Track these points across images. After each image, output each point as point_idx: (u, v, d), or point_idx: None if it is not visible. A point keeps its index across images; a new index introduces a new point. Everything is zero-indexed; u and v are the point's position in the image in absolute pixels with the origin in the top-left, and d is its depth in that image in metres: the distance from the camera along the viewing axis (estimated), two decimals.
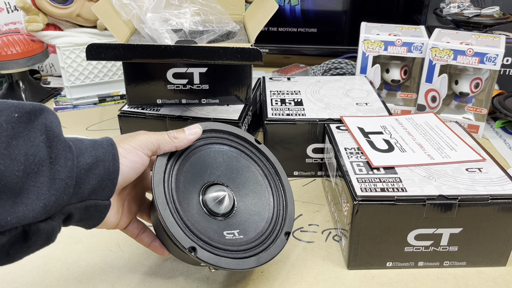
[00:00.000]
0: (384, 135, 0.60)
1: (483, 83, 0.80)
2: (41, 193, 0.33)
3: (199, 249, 0.42)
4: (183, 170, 0.46)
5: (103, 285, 0.49)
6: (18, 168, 0.32)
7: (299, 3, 1.08)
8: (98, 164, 0.38)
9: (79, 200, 0.37)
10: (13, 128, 0.32)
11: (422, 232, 0.49)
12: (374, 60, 0.86)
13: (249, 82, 0.65)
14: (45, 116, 0.35)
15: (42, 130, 0.34)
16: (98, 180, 0.38)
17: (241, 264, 0.44)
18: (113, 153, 0.40)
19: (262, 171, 0.51)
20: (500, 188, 0.49)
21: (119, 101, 0.98)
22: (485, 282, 0.50)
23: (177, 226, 0.42)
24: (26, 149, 0.33)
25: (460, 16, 0.96)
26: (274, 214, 0.49)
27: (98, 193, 0.39)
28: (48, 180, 0.34)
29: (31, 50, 0.91)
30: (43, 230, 0.35)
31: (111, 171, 0.39)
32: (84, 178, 0.37)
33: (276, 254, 0.47)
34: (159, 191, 0.43)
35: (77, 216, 0.39)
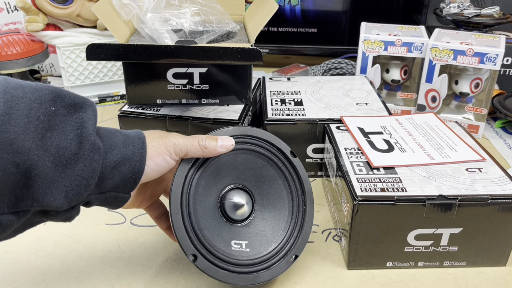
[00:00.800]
0: (384, 135, 0.60)
1: (483, 83, 0.80)
2: (65, 185, 0.35)
3: (200, 257, 0.44)
4: (208, 173, 0.47)
5: (103, 285, 0.49)
6: (48, 159, 0.34)
7: (299, 3, 1.08)
8: (125, 163, 0.40)
9: (100, 191, 0.39)
10: (49, 121, 0.34)
11: (422, 232, 0.49)
12: (374, 60, 0.86)
13: (249, 82, 0.65)
14: (85, 110, 0.37)
15: (78, 125, 0.36)
16: (122, 178, 0.40)
17: (238, 280, 0.45)
18: (141, 154, 0.41)
19: (289, 186, 0.50)
20: (500, 188, 0.49)
21: (119, 101, 0.98)
22: (485, 282, 0.50)
23: (185, 232, 0.44)
24: (59, 142, 0.34)
25: (460, 16, 0.96)
26: (287, 233, 0.48)
27: (120, 188, 0.41)
28: (72, 175, 0.35)
29: (31, 50, 0.91)
30: (62, 215, 0.38)
31: (136, 171, 0.41)
32: (108, 174, 0.39)
33: (277, 275, 0.47)
34: (176, 195, 0.44)
35: (97, 203, 0.41)
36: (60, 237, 0.57)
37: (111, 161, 0.39)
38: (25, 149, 0.32)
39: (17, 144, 0.31)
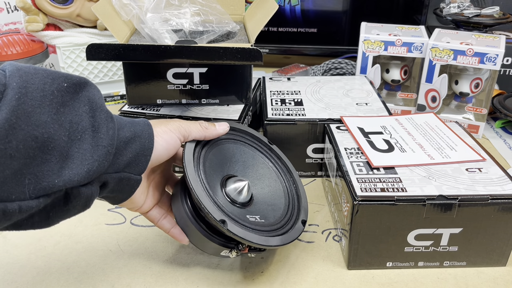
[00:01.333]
0: (384, 135, 0.60)
1: (483, 83, 0.80)
2: (85, 158, 0.35)
3: (229, 222, 0.44)
4: (208, 158, 0.50)
5: (103, 285, 0.49)
6: (64, 133, 0.34)
7: (299, 3, 1.08)
8: (135, 139, 0.41)
9: (115, 170, 0.40)
10: (62, 96, 0.35)
11: (422, 232, 0.49)
12: (374, 60, 0.86)
13: (249, 82, 0.65)
14: (88, 89, 0.38)
15: (86, 101, 0.37)
16: (134, 155, 0.41)
17: (268, 241, 0.45)
18: (149, 131, 0.43)
19: (276, 168, 0.55)
20: (500, 188, 0.49)
21: (119, 101, 0.98)
22: (485, 282, 0.50)
23: (209, 200, 0.44)
24: (71, 117, 0.35)
25: (460, 16, 0.96)
26: (289, 205, 0.52)
27: (132, 167, 0.41)
28: (91, 147, 0.36)
29: (31, 50, 0.91)
30: (83, 194, 0.37)
31: (146, 148, 0.42)
32: (122, 150, 0.40)
33: (297, 237, 0.49)
34: (191, 168, 0.46)
35: (111, 186, 0.41)
36: (60, 237, 0.57)
37: (123, 137, 0.40)
38: (42, 122, 0.32)
39: (34, 117, 0.32)
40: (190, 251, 0.54)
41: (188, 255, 0.54)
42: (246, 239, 0.44)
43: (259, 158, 0.55)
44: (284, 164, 0.56)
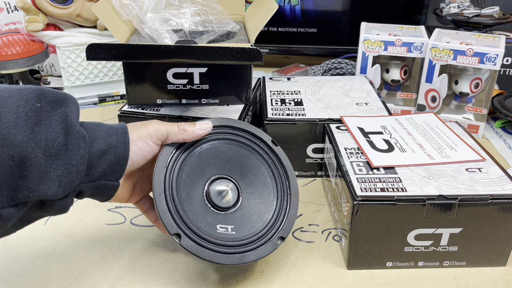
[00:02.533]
0: (384, 135, 0.60)
1: (483, 83, 0.80)
2: (57, 175, 0.38)
3: (184, 236, 0.44)
4: (190, 160, 0.48)
5: (103, 285, 0.49)
6: (39, 151, 0.36)
7: (299, 3, 1.08)
8: (110, 151, 0.43)
9: (89, 180, 0.42)
10: (36, 116, 0.37)
11: (422, 232, 0.49)
12: (374, 60, 0.86)
13: (249, 82, 0.65)
14: (66, 105, 0.40)
15: (62, 118, 0.39)
16: (109, 165, 0.43)
17: (223, 259, 0.44)
18: (125, 141, 0.44)
19: (272, 172, 0.52)
20: (500, 188, 0.49)
21: (119, 101, 0.98)
22: (485, 282, 0.50)
23: (168, 212, 0.44)
24: (47, 135, 0.37)
25: (460, 16, 0.96)
26: (273, 217, 0.49)
27: (108, 175, 0.43)
28: (63, 164, 0.38)
29: (31, 50, 0.91)
30: (57, 205, 0.40)
31: (121, 157, 0.44)
32: (96, 162, 0.42)
33: (263, 256, 0.47)
34: (159, 178, 0.46)
35: (88, 193, 0.43)
36: (60, 237, 0.57)
37: (97, 150, 0.42)
38: (18, 142, 0.35)
39: (10, 138, 0.34)
40: None
41: (188, 255, 0.54)
42: (198, 256, 0.44)
43: (256, 161, 0.52)
44: (284, 168, 0.53)
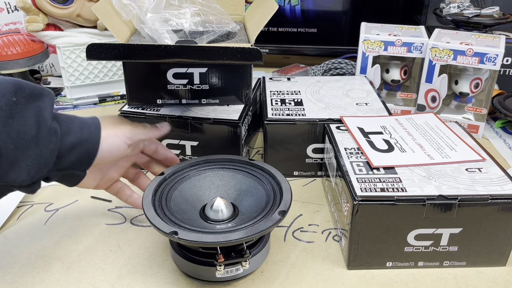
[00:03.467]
0: (384, 135, 0.60)
1: (483, 83, 0.80)
2: (27, 164, 0.40)
3: (181, 231, 0.44)
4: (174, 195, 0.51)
5: (103, 285, 0.49)
6: (11, 142, 0.39)
7: (299, 3, 1.08)
8: (81, 145, 0.45)
9: (58, 169, 0.45)
10: (10, 110, 0.39)
11: (422, 232, 0.49)
12: (374, 60, 0.86)
13: (249, 82, 0.65)
14: (41, 99, 0.42)
15: (37, 112, 0.41)
16: (78, 157, 0.45)
17: (227, 237, 0.44)
18: (96, 137, 0.47)
19: (258, 178, 0.54)
20: (500, 188, 0.49)
21: (119, 101, 0.98)
22: (485, 282, 0.50)
23: (158, 217, 0.46)
24: (19, 127, 0.39)
25: (460, 16, 0.96)
26: (269, 203, 0.49)
27: (76, 166, 0.46)
28: (33, 155, 0.41)
29: (31, 50, 0.91)
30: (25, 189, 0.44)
31: (90, 152, 0.46)
32: (66, 154, 0.44)
33: (267, 228, 0.44)
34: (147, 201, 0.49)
35: (55, 179, 0.47)
36: (60, 237, 0.57)
37: (68, 143, 0.44)
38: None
39: None
40: None
41: None
42: (201, 241, 0.43)
43: (239, 176, 0.55)
44: (268, 172, 0.54)
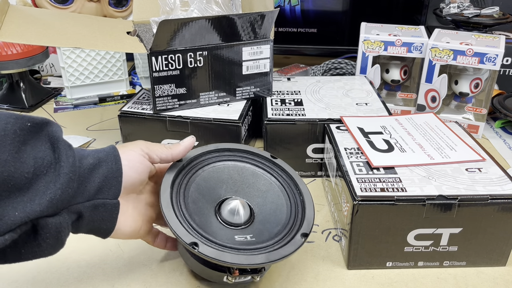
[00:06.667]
0: (384, 135, 0.60)
1: (483, 83, 0.80)
2: (47, 188, 0.36)
3: (202, 244, 0.41)
4: (195, 184, 0.48)
5: (103, 285, 0.49)
6: (28, 170, 0.35)
7: (299, 3, 1.08)
8: (100, 165, 0.41)
9: (86, 199, 0.40)
10: (24, 135, 0.36)
11: (422, 232, 0.49)
12: (374, 60, 0.86)
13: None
14: (49, 127, 0.38)
15: (48, 139, 0.38)
16: (103, 179, 0.41)
17: (249, 260, 0.42)
18: (115, 154, 0.43)
19: (279, 181, 0.51)
20: (500, 188, 0.49)
21: (119, 101, 0.98)
22: (485, 282, 0.50)
23: (179, 224, 0.43)
24: (35, 153, 0.36)
25: (460, 16, 0.96)
26: (290, 219, 0.48)
27: (105, 192, 0.41)
28: (54, 178, 0.36)
29: (31, 50, 0.91)
30: (51, 225, 0.37)
31: (114, 170, 0.42)
32: (88, 177, 0.40)
33: (290, 253, 0.43)
34: (165, 195, 0.45)
35: (87, 215, 0.40)
36: None
37: (87, 164, 0.40)
38: (2, 160, 0.33)
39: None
40: None
41: None
42: (221, 260, 0.41)
43: (260, 174, 0.52)
44: (290, 176, 0.52)
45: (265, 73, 0.72)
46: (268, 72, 0.73)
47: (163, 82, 0.66)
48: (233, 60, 0.69)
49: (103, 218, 0.42)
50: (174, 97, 0.68)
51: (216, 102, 0.72)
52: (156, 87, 0.66)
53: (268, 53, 0.71)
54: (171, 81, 0.67)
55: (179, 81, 0.67)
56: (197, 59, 0.66)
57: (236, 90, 0.72)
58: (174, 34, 0.62)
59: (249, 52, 0.69)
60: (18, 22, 0.58)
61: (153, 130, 0.70)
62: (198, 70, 0.67)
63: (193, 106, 0.70)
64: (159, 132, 0.70)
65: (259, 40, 0.69)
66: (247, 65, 0.70)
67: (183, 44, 0.64)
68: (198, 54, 0.66)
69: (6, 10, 0.59)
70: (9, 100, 0.94)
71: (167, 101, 0.68)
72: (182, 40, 0.64)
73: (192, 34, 0.63)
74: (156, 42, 0.62)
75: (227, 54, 0.68)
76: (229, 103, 0.73)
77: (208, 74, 0.69)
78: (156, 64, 0.64)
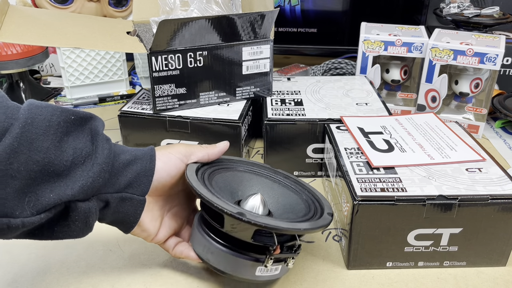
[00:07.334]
0: (384, 135, 0.60)
1: (483, 83, 0.80)
2: (81, 175, 0.39)
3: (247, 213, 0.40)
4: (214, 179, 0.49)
5: (103, 285, 0.49)
6: (67, 159, 0.38)
7: (299, 3, 1.08)
8: (136, 162, 0.44)
9: (115, 191, 0.42)
10: (67, 127, 0.39)
11: (422, 232, 0.49)
12: (374, 60, 0.86)
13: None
14: (93, 121, 0.42)
15: (89, 132, 0.41)
16: (135, 175, 0.43)
17: (296, 225, 0.41)
18: (151, 154, 0.45)
19: (286, 184, 0.53)
20: (500, 188, 0.49)
21: (119, 101, 0.98)
22: (485, 282, 0.50)
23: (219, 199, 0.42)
24: (75, 144, 0.39)
25: (460, 16, 0.96)
26: (310, 209, 0.48)
27: (134, 187, 0.44)
28: (88, 167, 0.40)
29: (31, 50, 0.91)
30: (81, 209, 0.40)
31: (147, 169, 0.44)
32: (121, 171, 0.43)
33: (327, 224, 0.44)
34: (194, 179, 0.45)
35: (113, 206, 0.43)
36: None
37: (123, 160, 0.43)
38: (44, 148, 0.36)
39: (37, 143, 0.36)
40: None
41: None
42: (273, 226, 0.39)
43: (267, 181, 0.53)
44: (294, 180, 0.54)
45: (265, 73, 0.72)
46: (268, 72, 0.73)
47: (163, 82, 0.66)
48: (233, 60, 0.69)
49: (127, 212, 0.44)
50: (174, 97, 0.68)
51: (216, 102, 0.72)
52: (156, 87, 0.66)
53: (268, 53, 0.71)
54: (171, 81, 0.67)
55: (179, 81, 0.67)
56: (197, 59, 0.66)
57: (236, 90, 0.72)
58: (174, 34, 0.62)
59: (249, 52, 0.69)
60: (18, 22, 0.58)
61: (153, 130, 0.70)
62: (198, 70, 0.67)
63: (193, 106, 0.70)
64: (159, 132, 0.70)
65: (259, 40, 0.69)
66: (247, 65, 0.70)
67: (183, 44, 0.64)
68: (198, 54, 0.66)
69: (6, 10, 0.60)
70: None
71: (167, 101, 0.68)
72: (182, 40, 0.64)
73: (192, 34, 0.63)
74: (156, 42, 0.62)
75: (227, 54, 0.68)
76: (229, 103, 0.73)
77: (208, 74, 0.69)
78: (156, 64, 0.64)
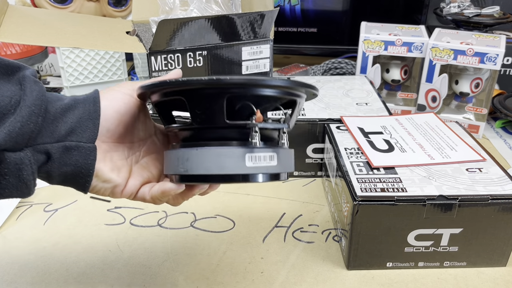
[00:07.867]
0: (384, 135, 0.60)
1: (483, 83, 0.80)
2: (8, 121, 0.34)
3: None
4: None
5: (102, 285, 0.49)
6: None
7: (299, 3, 1.07)
8: (77, 106, 0.39)
9: (55, 140, 0.37)
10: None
11: (422, 232, 0.49)
12: (374, 60, 0.86)
13: None
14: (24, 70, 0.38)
15: (18, 81, 0.37)
16: (77, 120, 0.38)
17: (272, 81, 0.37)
18: (94, 96, 0.40)
19: None
20: (500, 188, 0.49)
21: None
22: (485, 282, 0.50)
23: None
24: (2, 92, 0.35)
25: (460, 16, 0.95)
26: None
27: (78, 134, 0.38)
28: (17, 111, 0.35)
29: (31, 50, 0.91)
30: (10, 159, 0.35)
31: (91, 111, 0.39)
32: (60, 117, 0.38)
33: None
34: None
35: (57, 157, 0.37)
36: (59, 238, 0.57)
37: (61, 105, 0.38)
38: None
39: None
40: (189, 252, 0.54)
41: (187, 256, 0.54)
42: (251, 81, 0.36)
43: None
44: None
45: (265, 73, 0.72)
46: (268, 72, 0.73)
47: None
48: (232, 60, 0.69)
49: (76, 163, 0.38)
50: None
51: None
52: None
53: (268, 52, 0.71)
54: None
55: None
56: (196, 58, 0.66)
57: None
58: (173, 33, 0.62)
59: (248, 52, 0.69)
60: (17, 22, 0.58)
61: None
62: (197, 70, 0.67)
63: None
64: None
65: (258, 39, 0.69)
66: (246, 65, 0.70)
67: (183, 43, 0.64)
68: (197, 53, 0.66)
69: (5, 10, 0.59)
70: None
71: None
72: (182, 40, 0.64)
73: (192, 33, 0.63)
74: (155, 41, 0.62)
75: (227, 54, 0.68)
76: None
77: (207, 74, 0.69)
78: (156, 64, 0.64)
